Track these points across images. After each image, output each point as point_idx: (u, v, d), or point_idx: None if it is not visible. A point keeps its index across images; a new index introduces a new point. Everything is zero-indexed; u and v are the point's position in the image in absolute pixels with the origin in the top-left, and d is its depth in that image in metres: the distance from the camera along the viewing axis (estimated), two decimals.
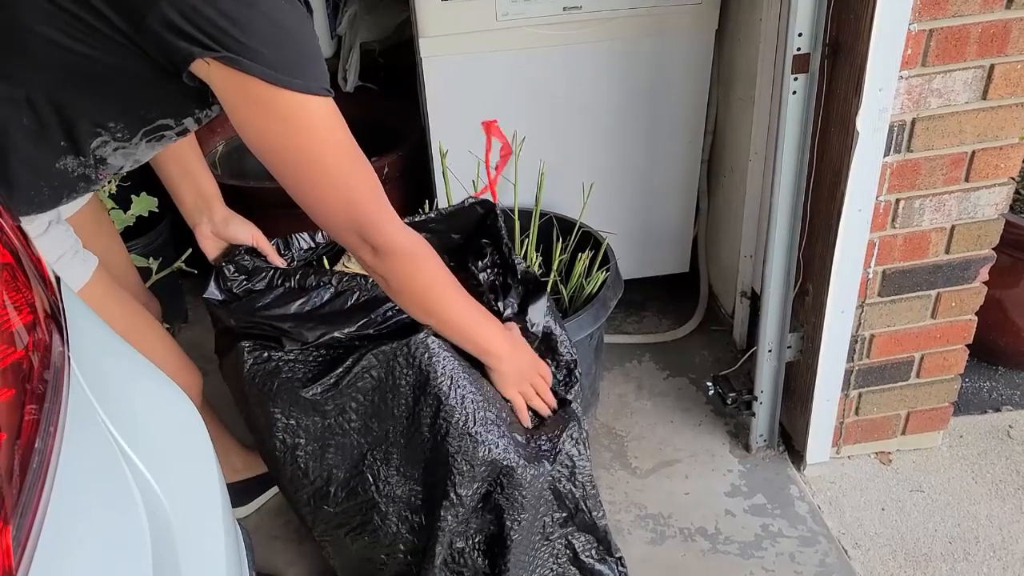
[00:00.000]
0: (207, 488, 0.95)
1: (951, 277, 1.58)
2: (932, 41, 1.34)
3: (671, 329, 2.17)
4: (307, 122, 1.01)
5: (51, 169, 1.09)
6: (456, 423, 1.22)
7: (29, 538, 0.59)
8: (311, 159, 1.03)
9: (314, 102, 1.00)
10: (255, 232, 1.43)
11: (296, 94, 0.98)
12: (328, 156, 1.04)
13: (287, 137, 1.01)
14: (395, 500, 1.30)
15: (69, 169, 1.10)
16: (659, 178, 2.01)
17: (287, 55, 0.98)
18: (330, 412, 1.26)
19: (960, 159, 1.46)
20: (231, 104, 1.00)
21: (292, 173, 1.04)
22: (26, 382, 0.66)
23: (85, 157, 1.10)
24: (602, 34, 1.78)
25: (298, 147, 1.02)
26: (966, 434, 1.85)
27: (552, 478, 1.29)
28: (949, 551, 1.59)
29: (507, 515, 1.27)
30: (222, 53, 0.94)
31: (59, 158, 1.09)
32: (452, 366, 1.23)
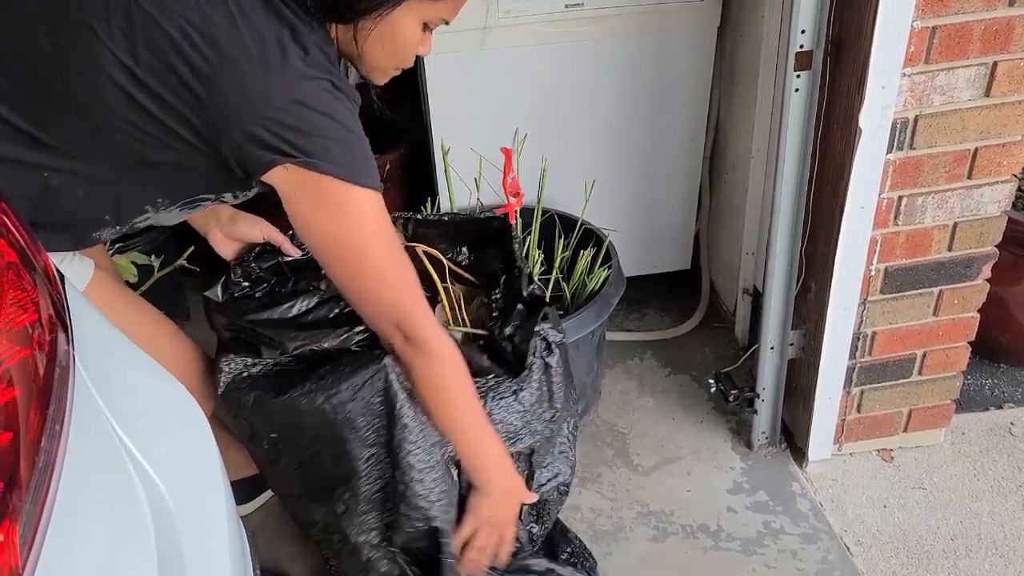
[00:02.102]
0: (211, 486, 0.95)
1: (953, 274, 1.58)
2: (935, 38, 1.33)
3: (673, 326, 2.17)
4: (363, 216, 1.09)
5: (89, 236, 1.16)
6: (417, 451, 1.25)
7: (36, 537, 0.59)
8: (363, 254, 1.11)
9: (372, 198, 1.09)
10: (264, 226, 1.45)
11: (359, 189, 1.07)
12: (378, 252, 1.12)
13: (344, 230, 1.09)
14: (376, 505, 1.30)
15: (103, 238, 1.18)
16: (661, 175, 2.01)
17: (354, 155, 1.07)
18: (306, 425, 1.26)
19: (963, 156, 1.46)
20: (295, 200, 1.07)
21: (345, 266, 1.13)
22: (32, 381, 0.66)
23: (121, 227, 1.17)
24: (604, 31, 1.78)
25: (354, 240, 1.10)
26: (968, 431, 1.85)
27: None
28: (951, 548, 1.59)
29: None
30: (301, 159, 1.02)
31: (98, 229, 1.15)
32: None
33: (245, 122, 1.00)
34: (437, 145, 1.85)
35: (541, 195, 1.84)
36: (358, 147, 1.08)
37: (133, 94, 1.01)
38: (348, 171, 1.05)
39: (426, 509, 1.26)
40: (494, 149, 1.86)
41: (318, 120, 1.03)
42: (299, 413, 1.24)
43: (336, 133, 1.04)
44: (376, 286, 1.14)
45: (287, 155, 1.02)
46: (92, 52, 1.00)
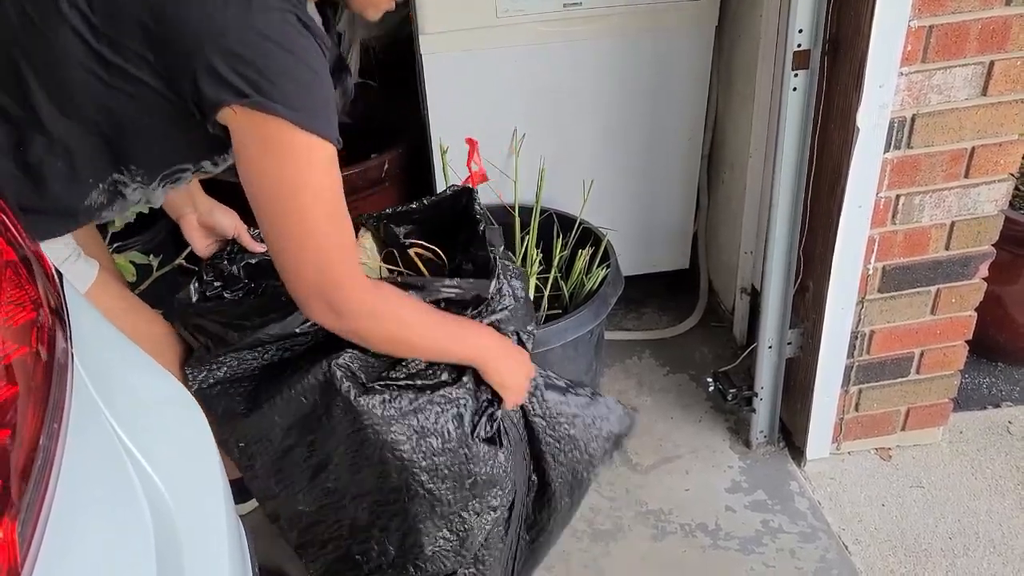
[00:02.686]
0: (210, 484, 0.95)
1: (951, 273, 1.59)
2: (932, 37, 1.34)
3: (671, 325, 2.17)
4: (309, 164, 1.03)
5: (79, 207, 1.12)
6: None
7: (34, 535, 0.59)
8: (300, 207, 1.04)
9: (324, 148, 1.03)
10: (238, 223, 1.43)
11: (311, 136, 1.01)
12: (318, 208, 1.05)
13: (285, 175, 1.03)
14: (361, 501, 1.29)
15: (93, 204, 1.14)
16: (659, 174, 2.01)
17: (313, 99, 1.01)
18: (275, 435, 1.25)
19: (960, 155, 1.46)
20: (243, 144, 1.02)
21: (277, 218, 1.05)
22: (31, 379, 0.66)
23: (104, 184, 1.13)
24: (602, 30, 1.78)
25: (293, 189, 1.03)
26: (966, 430, 1.85)
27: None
28: (949, 547, 1.60)
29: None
30: (254, 99, 0.97)
31: (87, 195, 1.12)
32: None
33: (204, 53, 0.95)
34: (436, 144, 1.85)
35: (539, 194, 1.84)
36: (318, 91, 1.02)
37: (91, 42, 0.99)
38: (302, 115, 0.99)
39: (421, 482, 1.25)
40: (493, 148, 1.87)
41: (278, 56, 0.97)
42: (261, 424, 1.24)
43: (296, 72, 0.99)
44: (307, 247, 1.06)
45: (240, 94, 0.97)
46: (51, 6, 0.98)
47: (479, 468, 1.25)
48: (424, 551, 1.28)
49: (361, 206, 2.03)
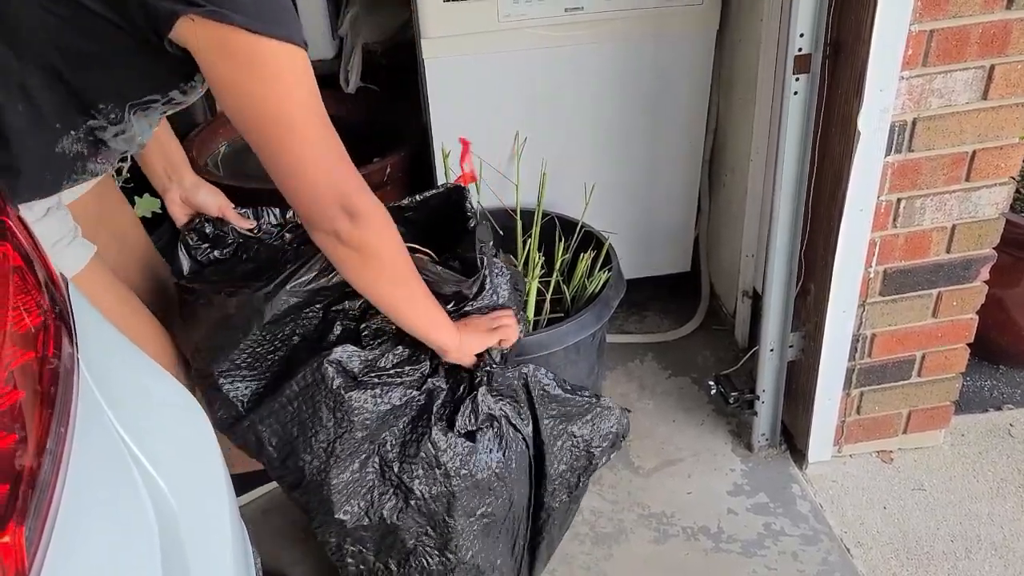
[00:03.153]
0: (213, 486, 0.96)
1: (952, 276, 1.59)
2: (933, 41, 1.34)
3: (673, 329, 2.17)
4: (281, 73, 1.00)
5: (51, 154, 1.09)
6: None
7: (41, 539, 0.60)
8: (289, 119, 1.01)
9: (292, 51, 0.99)
10: (223, 202, 1.42)
11: (275, 42, 0.97)
12: (306, 116, 1.02)
13: (264, 91, 1.00)
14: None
15: (67, 152, 1.10)
16: (660, 178, 2.02)
17: (270, 5, 0.98)
18: (275, 426, 1.27)
19: (961, 159, 1.46)
20: (210, 61, 0.99)
21: (271, 137, 1.02)
22: (37, 384, 0.66)
23: (77, 131, 1.10)
24: (603, 35, 1.79)
25: (276, 103, 1.00)
26: (967, 433, 1.85)
27: None
28: (951, 549, 1.60)
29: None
30: (206, 7, 0.94)
31: (57, 141, 1.08)
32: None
33: None
34: (437, 149, 1.85)
35: (541, 198, 1.85)
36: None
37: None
38: (260, 22, 0.96)
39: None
40: (495, 152, 1.87)
41: None
42: (277, 423, 1.25)
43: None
44: (310, 158, 1.03)
45: (191, 3, 0.93)
46: None
47: (455, 464, 1.25)
48: (407, 545, 1.29)
49: None
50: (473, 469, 1.26)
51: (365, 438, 1.24)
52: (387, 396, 1.24)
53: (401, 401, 1.25)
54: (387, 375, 1.25)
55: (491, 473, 1.28)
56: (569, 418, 1.38)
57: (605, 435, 1.41)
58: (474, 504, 1.29)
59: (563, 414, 1.37)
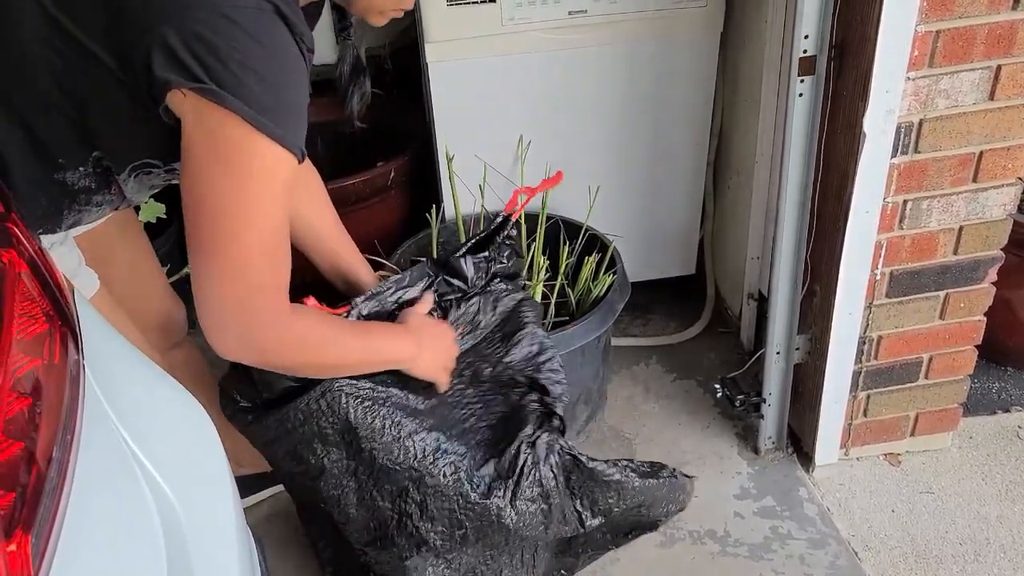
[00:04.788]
0: (219, 493, 0.96)
1: (959, 278, 1.58)
2: (939, 42, 1.34)
3: (678, 331, 2.17)
4: (258, 176, 0.91)
5: (49, 180, 1.04)
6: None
7: (47, 547, 0.59)
8: (241, 226, 0.92)
9: (280, 156, 0.91)
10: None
11: (267, 142, 0.89)
12: (254, 234, 0.93)
13: (227, 186, 0.91)
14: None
15: (70, 183, 1.05)
16: (665, 181, 2.01)
17: (276, 99, 0.91)
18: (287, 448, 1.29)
19: (968, 160, 1.46)
20: (191, 139, 0.91)
21: (208, 234, 0.93)
22: (43, 391, 0.66)
23: (86, 167, 1.05)
24: (607, 38, 1.79)
25: (234, 204, 0.92)
26: (976, 435, 1.84)
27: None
28: (960, 553, 1.59)
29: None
30: (207, 86, 0.87)
31: (57, 171, 1.04)
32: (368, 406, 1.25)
33: (161, 28, 0.86)
34: (441, 152, 1.85)
35: (545, 201, 1.85)
36: (288, 94, 0.91)
37: (48, 8, 0.91)
38: (263, 116, 0.88)
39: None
40: (498, 156, 1.87)
41: (245, 44, 0.87)
42: (283, 438, 1.26)
43: (262, 65, 0.88)
44: (230, 278, 0.94)
45: (193, 77, 0.86)
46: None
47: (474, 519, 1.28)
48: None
49: (366, 214, 2.04)
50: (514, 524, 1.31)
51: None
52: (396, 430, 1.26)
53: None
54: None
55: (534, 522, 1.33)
56: (646, 505, 1.45)
57: (675, 511, 1.51)
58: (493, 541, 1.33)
59: (642, 503, 1.45)
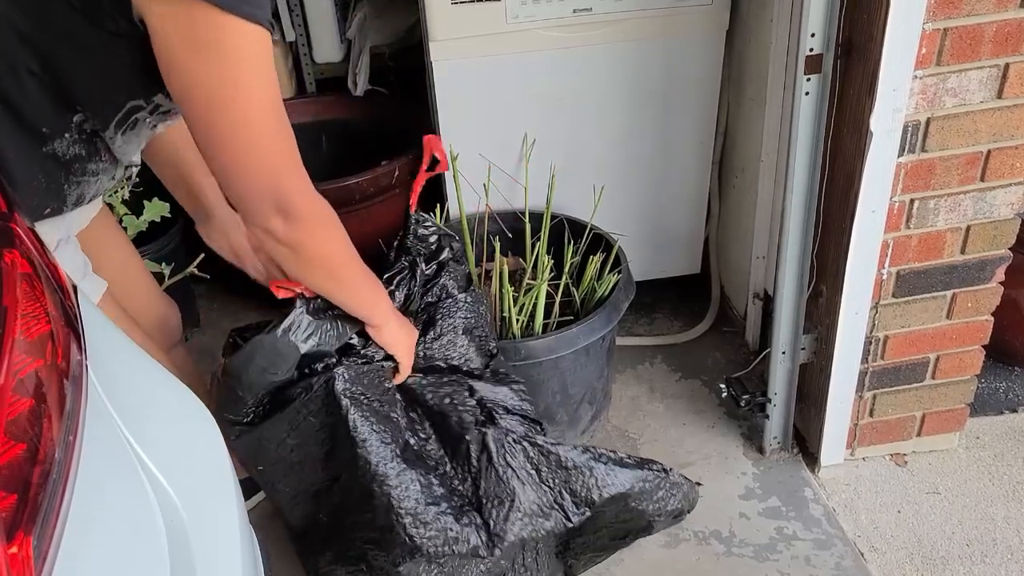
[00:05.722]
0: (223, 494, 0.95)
1: (967, 277, 1.57)
2: (947, 40, 1.33)
3: (683, 331, 2.16)
4: (245, 56, 0.93)
5: (40, 155, 1.05)
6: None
7: (49, 549, 0.59)
8: (241, 111, 0.95)
9: (257, 34, 0.93)
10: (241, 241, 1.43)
11: (241, 20, 0.91)
12: (260, 109, 0.97)
13: (220, 76, 0.93)
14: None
15: (60, 154, 1.06)
16: (670, 179, 2.01)
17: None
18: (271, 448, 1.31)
19: (975, 159, 1.45)
20: (164, 37, 0.91)
21: (217, 127, 0.96)
22: (45, 392, 0.66)
23: (71, 134, 1.05)
24: (612, 36, 1.78)
25: (231, 91, 0.94)
26: (983, 435, 1.83)
27: None
28: (967, 553, 1.58)
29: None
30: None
31: (44, 143, 1.04)
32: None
33: None
34: (446, 151, 1.85)
35: (550, 200, 1.84)
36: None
37: None
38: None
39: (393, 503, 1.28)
40: (503, 155, 1.87)
41: None
42: (269, 442, 1.29)
43: None
44: (256, 151, 0.98)
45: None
46: None
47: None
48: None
49: (370, 213, 2.04)
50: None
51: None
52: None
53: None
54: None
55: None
56: (639, 495, 1.40)
57: (671, 511, 1.44)
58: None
59: (630, 494, 1.40)
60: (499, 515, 1.30)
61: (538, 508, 1.34)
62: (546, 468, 1.35)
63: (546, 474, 1.35)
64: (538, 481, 1.34)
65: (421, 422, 1.39)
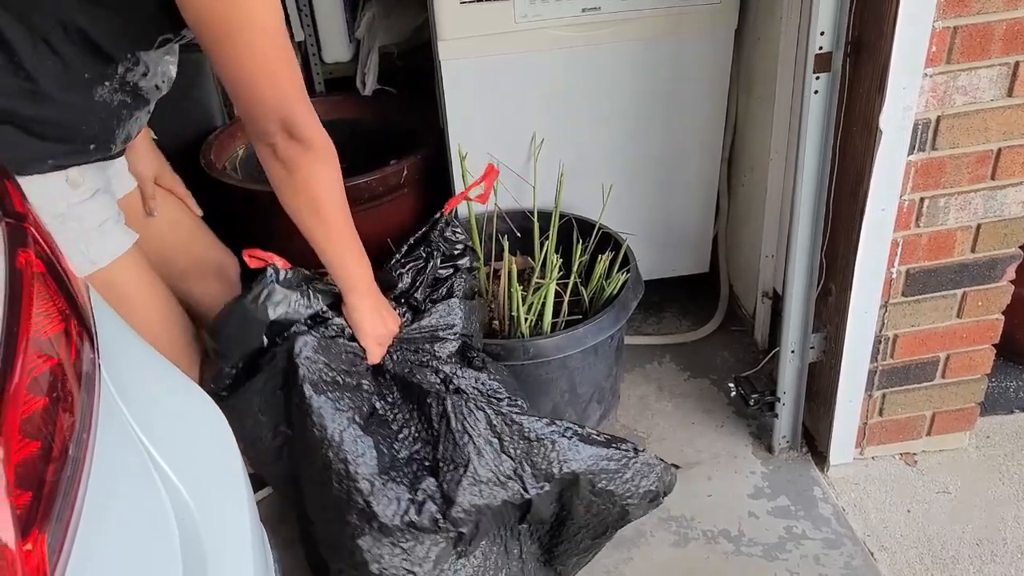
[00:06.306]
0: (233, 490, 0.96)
1: (977, 276, 1.57)
2: (957, 38, 1.32)
3: (692, 330, 2.16)
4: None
5: (92, 103, 1.17)
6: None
7: (63, 547, 0.60)
8: (252, 37, 1.07)
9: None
10: (171, 176, 1.51)
11: None
12: (268, 36, 1.08)
13: (229, 14, 1.05)
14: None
15: (108, 100, 1.18)
16: (679, 178, 2.00)
17: None
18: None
19: (986, 157, 1.44)
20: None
21: (230, 51, 1.08)
22: (59, 390, 0.66)
23: (111, 82, 1.18)
24: (621, 35, 1.78)
25: (243, 19, 1.05)
26: (993, 435, 1.82)
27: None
28: (976, 553, 1.57)
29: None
30: None
31: (93, 91, 1.16)
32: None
33: None
34: (454, 150, 1.85)
35: (559, 199, 1.84)
36: None
37: None
38: None
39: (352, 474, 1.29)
40: (511, 154, 1.87)
41: None
42: (246, 417, 1.31)
43: None
44: (264, 76, 1.10)
45: None
46: None
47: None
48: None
49: (379, 212, 2.04)
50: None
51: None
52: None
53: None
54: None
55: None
56: (602, 474, 1.36)
57: (644, 493, 1.40)
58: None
59: (602, 470, 1.36)
60: (452, 479, 1.29)
61: (494, 476, 1.30)
62: (508, 438, 1.32)
63: (508, 443, 1.32)
64: (499, 450, 1.32)
65: (389, 386, 1.38)
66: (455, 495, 1.28)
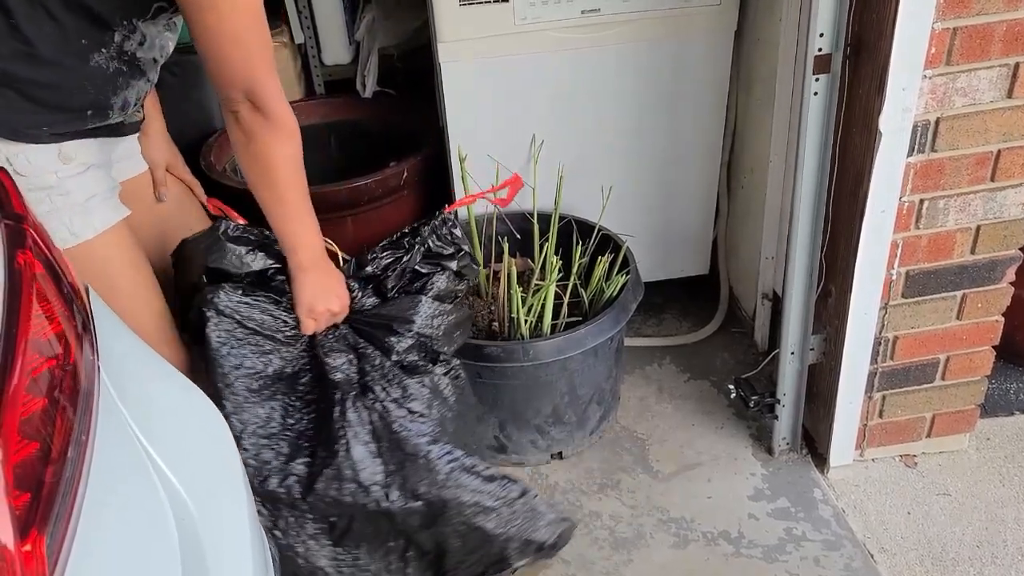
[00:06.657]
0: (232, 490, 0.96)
1: (977, 278, 1.57)
2: (956, 40, 1.32)
3: (692, 331, 2.16)
4: None
5: (88, 69, 1.20)
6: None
7: (62, 548, 0.60)
8: (227, 12, 1.12)
9: None
10: (182, 166, 1.58)
11: None
12: (242, 13, 1.13)
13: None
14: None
15: (104, 67, 1.21)
16: (678, 180, 2.01)
17: None
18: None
19: (985, 158, 1.44)
20: None
21: (205, 23, 1.14)
22: (58, 391, 0.66)
23: (108, 49, 1.21)
24: (620, 37, 1.78)
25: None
26: (993, 436, 1.82)
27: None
28: (976, 555, 1.57)
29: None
30: None
31: (89, 56, 1.19)
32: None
33: None
34: (454, 152, 1.85)
35: (558, 201, 1.84)
36: None
37: None
38: None
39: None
40: (511, 156, 1.87)
41: None
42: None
43: None
44: (234, 45, 1.15)
45: None
46: None
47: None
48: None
49: (379, 214, 2.04)
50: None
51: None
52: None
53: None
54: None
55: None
56: (475, 508, 1.32)
57: (526, 541, 1.33)
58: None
59: (478, 504, 1.32)
60: (318, 466, 1.30)
61: (356, 477, 1.29)
62: (387, 446, 1.31)
63: (384, 451, 1.31)
64: (374, 454, 1.31)
65: (311, 360, 1.39)
66: (315, 483, 1.30)
